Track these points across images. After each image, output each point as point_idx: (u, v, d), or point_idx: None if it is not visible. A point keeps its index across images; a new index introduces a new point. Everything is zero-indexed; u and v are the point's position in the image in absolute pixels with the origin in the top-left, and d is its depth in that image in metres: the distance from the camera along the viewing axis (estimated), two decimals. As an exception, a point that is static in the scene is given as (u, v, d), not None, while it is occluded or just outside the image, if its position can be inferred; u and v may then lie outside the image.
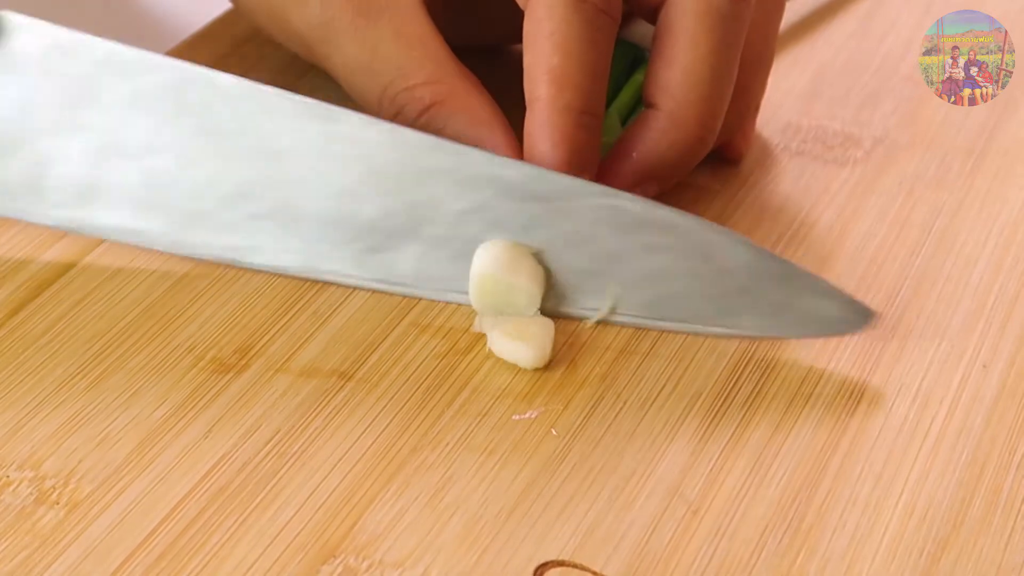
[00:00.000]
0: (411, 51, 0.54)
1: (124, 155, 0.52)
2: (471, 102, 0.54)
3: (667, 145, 0.53)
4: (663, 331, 0.51)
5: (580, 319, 0.51)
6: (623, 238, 0.51)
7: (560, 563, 0.43)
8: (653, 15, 0.54)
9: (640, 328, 0.51)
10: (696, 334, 0.51)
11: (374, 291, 0.52)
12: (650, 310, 0.51)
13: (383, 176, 0.51)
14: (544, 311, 0.51)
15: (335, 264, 0.52)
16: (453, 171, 0.51)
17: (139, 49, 0.52)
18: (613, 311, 0.51)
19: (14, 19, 0.52)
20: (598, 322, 0.51)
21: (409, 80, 0.54)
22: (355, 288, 0.52)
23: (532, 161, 0.51)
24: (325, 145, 0.51)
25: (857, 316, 0.51)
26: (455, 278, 0.51)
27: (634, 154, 0.53)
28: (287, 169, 0.52)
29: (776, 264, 0.51)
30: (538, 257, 0.51)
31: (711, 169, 0.56)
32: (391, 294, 0.52)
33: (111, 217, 0.52)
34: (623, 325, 0.51)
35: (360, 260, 0.52)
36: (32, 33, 0.52)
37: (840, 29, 0.68)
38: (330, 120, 0.52)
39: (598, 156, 0.52)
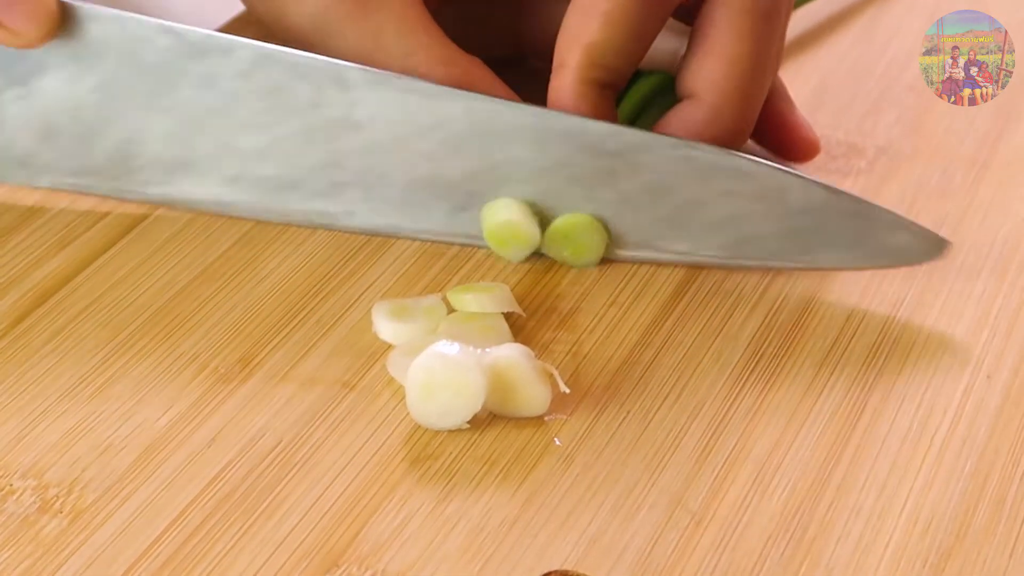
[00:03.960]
0: (416, 36, 0.54)
1: (207, 133, 0.53)
2: (486, 81, 0.54)
3: (709, 136, 0.53)
4: (746, 269, 0.53)
5: (659, 263, 0.53)
6: (701, 185, 0.52)
7: (563, 573, 0.43)
8: (687, 12, 0.55)
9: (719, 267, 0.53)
10: (774, 269, 0.53)
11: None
12: (730, 251, 0.53)
13: (461, 141, 0.52)
14: (626, 258, 0.53)
15: (425, 223, 0.54)
16: (531, 129, 0.52)
17: (207, 31, 0.53)
18: (693, 254, 0.53)
19: (87, 8, 0.52)
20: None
21: (420, 64, 0.54)
22: (448, 244, 0.54)
23: None
24: (402, 114, 0.52)
25: (931, 246, 0.52)
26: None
27: None
28: (367, 138, 0.53)
29: (850, 202, 0.52)
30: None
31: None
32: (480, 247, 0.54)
33: (201, 192, 0.54)
34: (704, 265, 0.53)
35: (450, 218, 0.54)
36: (103, 21, 0.53)
37: (843, 39, 0.68)
38: (405, 90, 0.52)
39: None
